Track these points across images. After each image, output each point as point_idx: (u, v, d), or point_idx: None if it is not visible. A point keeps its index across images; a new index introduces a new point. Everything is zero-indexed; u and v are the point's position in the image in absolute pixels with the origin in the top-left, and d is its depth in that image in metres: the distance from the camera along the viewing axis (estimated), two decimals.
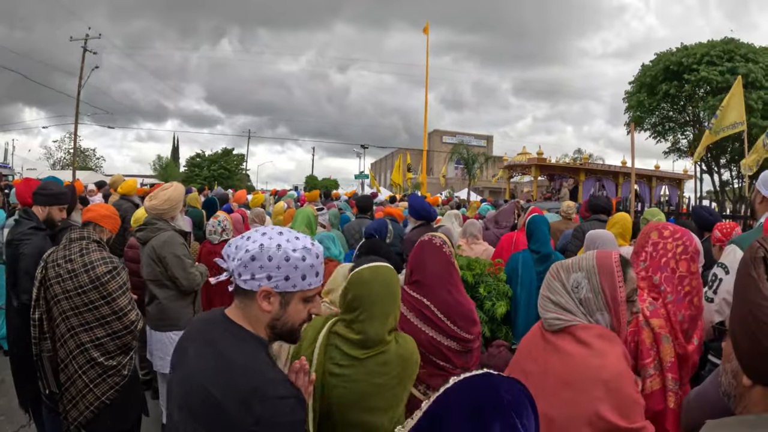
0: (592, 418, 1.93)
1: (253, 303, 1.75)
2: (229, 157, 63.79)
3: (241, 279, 1.72)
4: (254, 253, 1.69)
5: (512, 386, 1.17)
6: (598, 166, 26.56)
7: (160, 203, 4.79)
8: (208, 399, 1.57)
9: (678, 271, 2.81)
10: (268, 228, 1.80)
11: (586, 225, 6.49)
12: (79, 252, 3.59)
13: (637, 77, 34.60)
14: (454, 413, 1.12)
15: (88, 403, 3.53)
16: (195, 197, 9.72)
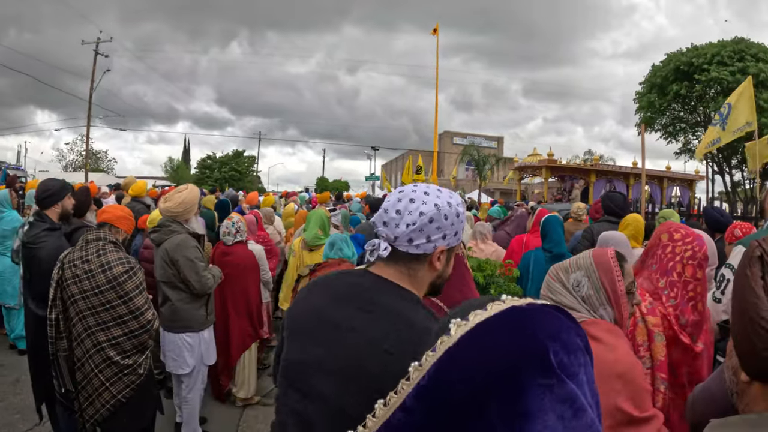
0: (611, 411, 1.97)
1: (423, 265, 1.70)
2: (240, 159, 63.93)
3: (414, 244, 1.63)
4: (432, 215, 1.61)
5: (558, 324, 0.81)
6: (609, 167, 26.40)
7: (175, 206, 4.82)
8: (389, 363, 1.40)
9: (683, 276, 2.81)
10: (420, 186, 1.69)
11: (595, 226, 6.48)
12: (96, 253, 3.66)
13: (648, 78, 34.48)
14: (459, 388, 0.76)
15: (104, 401, 3.58)
16: (210, 199, 9.78)
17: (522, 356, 0.75)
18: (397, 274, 1.69)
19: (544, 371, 0.74)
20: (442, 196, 1.66)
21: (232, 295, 5.74)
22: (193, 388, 4.92)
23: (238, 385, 5.85)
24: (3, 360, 6.98)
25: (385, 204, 1.67)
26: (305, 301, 1.78)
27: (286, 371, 1.73)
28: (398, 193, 1.68)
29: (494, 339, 0.79)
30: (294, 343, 1.72)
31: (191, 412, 4.94)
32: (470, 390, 0.75)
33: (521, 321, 0.80)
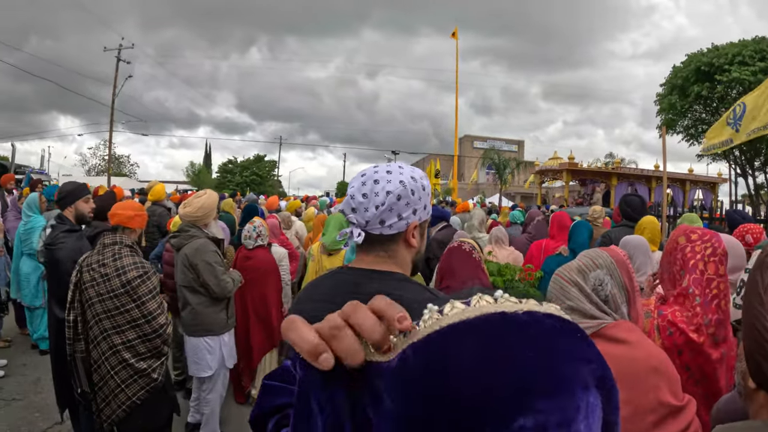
0: (655, 407, 1.98)
1: (399, 245, 1.71)
2: (261, 164, 64.16)
3: (386, 225, 1.62)
4: (399, 192, 1.60)
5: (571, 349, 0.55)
6: (630, 170, 26.28)
7: (194, 210, 4.86)
8: None
9: (706, 273, 2.75)
10: (381, 167, 1.70)
11: (613, 231, 6.47)
12: (112, 257, 3.70)
13: (668, 79, 34.06)
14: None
15: (120, 403, 3.63)
16: (230, 203, 9.83)
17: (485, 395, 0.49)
18: (377, 261, 1.71)
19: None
20: (405, 172, 1.67)
21: (252, 299, 5.78)
22: (213, 389, 4.97)
23: (257, 387, 5.82)
24: (25, 360, 7.10)
25: (350, 190, 1.67)
26: (299, 312, 1.73)
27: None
28: (360, 177, 1.67)
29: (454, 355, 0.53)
30: None
31: (211, 412, 4.99)
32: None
33: (505, 340, 0.51)
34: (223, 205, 9.30)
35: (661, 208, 9.49)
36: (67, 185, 4.79)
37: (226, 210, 8.81)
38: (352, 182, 1.69)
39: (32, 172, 19.75)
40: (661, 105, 34.61)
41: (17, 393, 6.04)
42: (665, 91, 34.33)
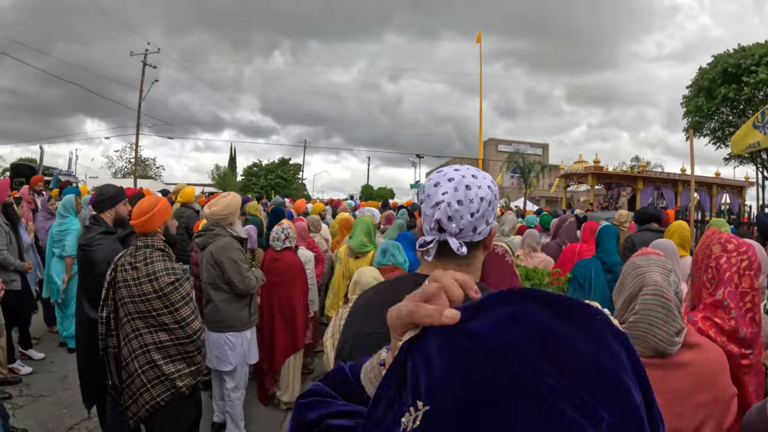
0: (728, 400, 2.04)
1: (479, 251, 1.66)
2: (286, 167, 64.50)
3: (477, 232, 1.57)
4: (490, 198, 1.55)
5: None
6: (656, 174, 26.01)
7: (220, 209, 4.95)
8: None
9: (741, 287, 2.69)
10: (462, 170, 1.59)
11: (636, 236, 6.43)
12: (144, 261, 3.72)
13: (695, 81, 33.68)
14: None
15: (144, 402, 3.66)
16: (254, 206, 9.88)
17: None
18: (456, 269, 1.50)
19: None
20: (486, 176, 1.60)
21: (278, 300, 5.81)
22: (236, 386, 5.03)
23: (282, 388, 5.90)
24: (53, 357, 7.23)
25: (441, 197, 1.54)
26: (366, 322, 1.68)
27: None
28: (448, 182, 1.56)
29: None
30: None
31: (234, 410, 5.04)
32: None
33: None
34: (248, 207, 9.38)
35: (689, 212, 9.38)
36: (107, 189, 4.85)
37: (251, 213, 8.86)
38: (442, 188, 1.56)
39: (60, 174, 19.97)
40: (688, 107, 34.25)
41: (45, 389, 6.15)
42: (691, 93, 33.96)
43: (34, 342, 7.45)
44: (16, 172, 21.71)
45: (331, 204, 17.00)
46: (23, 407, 5.68)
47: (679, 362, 2.03)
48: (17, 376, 6.40)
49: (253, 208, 9.45)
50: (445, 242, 1.54)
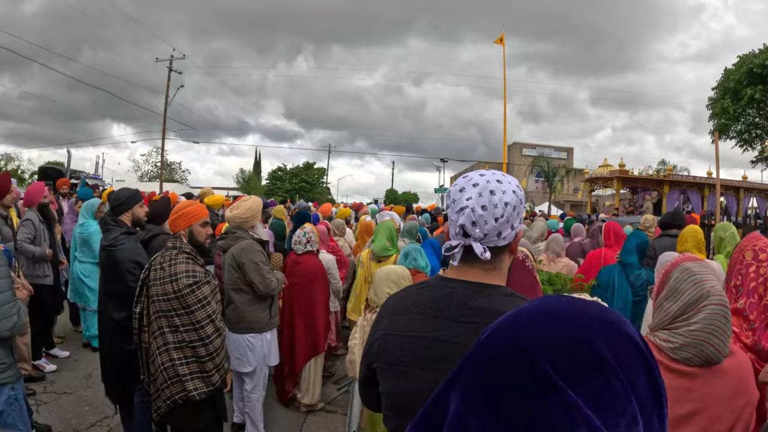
0: (754, 404, 2.05)
1: (505, 256, 1.66)
2: (310, 171, 64.70)
3: (502, 237, 1.57)
4: (514, 203, 1.55)
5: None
6: (682, 177, 25.73)
7: (242, 213, 5.05)
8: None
9: (764, 300, 2.66)
10: (488, 175, 1.61)
11: (656, 242, 6.44)
12: (169, 262, 3.79)
13: (720, 82, 33.26)
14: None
15: (165, 398, 3.72)
16: (281, 210, 9.92)
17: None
18: (483, 273, 1.63)
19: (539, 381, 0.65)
20: (511, 181, 1.61)
21: (299, 304, 5.84)
22: (255, 387, 5.06)
23: (303, 390, 5.92)
24: (77, 356, 7.35)
25: (466, 202, 1.56)
26: (394, 325, 1.72)
27: (396, 405, 1.68)
28: (473, 187, 1.57)
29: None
30: (396, 375, 1.66)
31: (254, 411, 5.08)
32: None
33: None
34: (274, 211, 9.43)
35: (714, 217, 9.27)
36: (123, 192, 4.93)
37: (277, 216, 8.90)
38: (466, 193, 1.58)
39: (87, 177, 20.18)
40: (714, 109, 33.83)
41: (68, 387, 6.25)
42: (717, 95, 33.55)
43: (59, 341, 7.60)
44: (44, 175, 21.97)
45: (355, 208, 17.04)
46: (47, 404, 5.77)
47: (722, 369, 2.02)
48: (41, 373, 6.51)
49: (279, 212, 9.50)
50: (471, 247, 1.57)
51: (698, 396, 1.99)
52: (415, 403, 1.57)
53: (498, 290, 1.61)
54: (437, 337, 1.57)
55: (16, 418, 3.52)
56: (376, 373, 1.74)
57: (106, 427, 5.30)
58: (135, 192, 5.00)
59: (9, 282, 3.46)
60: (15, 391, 3.55)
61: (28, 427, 3.68)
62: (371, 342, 1.79)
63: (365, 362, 1.83)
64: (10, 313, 3.38)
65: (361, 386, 1.94)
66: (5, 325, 3.35)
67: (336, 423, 5.76)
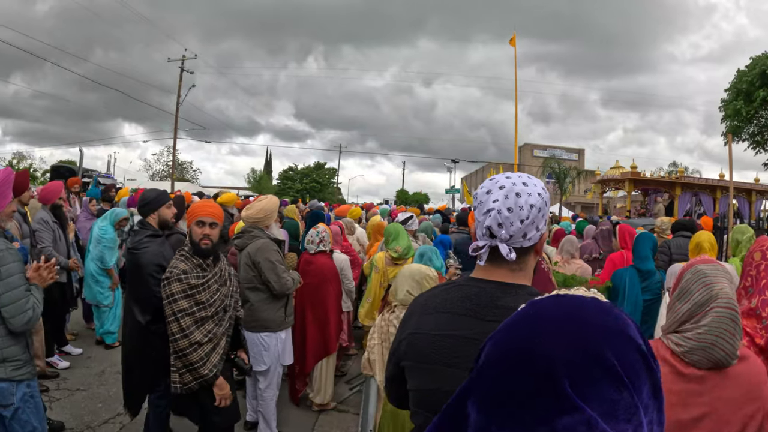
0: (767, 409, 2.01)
1: (530, 256, 1.67)
2: (321, 171, 64.81)
3: (527, 238, 1.59)
4: (540, 205, 1.58)
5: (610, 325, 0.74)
6: (694, 179, 25.53)
7: (255, 212, 5.05)
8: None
9: None
10: (513, 177, 1.64)
11: (672, 241, 6.47)
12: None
13: (733, 84, 32.98)
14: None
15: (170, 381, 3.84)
16: (293, 209, 9.95)
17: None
18: (509, 274, 1.65)
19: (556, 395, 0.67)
20: (537, 183, 1.64)
21: (311, 304, 5.84)
22: (269, 386, 5.05)
23: (315, 390, 5.93)
24: (90, 353, 7.40)
25: (492, 204, 1.59)
26: (422, 323, 1.74)
27: (424, 401, 1.71)
28: (500, 189, 1.60)
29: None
30: (424, 372, 1.69)
31: (267, 410, 5.08)
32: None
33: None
34: (287, 211, 9.45)
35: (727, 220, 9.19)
36: (149, 193, 4.88)
37: (289, 216, 8.92)
38: (492, 195, 1.61)
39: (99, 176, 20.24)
40: (726, 111, 33.55)
41: (81, 384, 6.28)
42: (730, 96, 33.27)
43: (72, 338, 7.66)
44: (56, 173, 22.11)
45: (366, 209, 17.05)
46: (59, 400, 5.80)
47: (732, 374, 2.01)
48: (55, 370, 6.55)
49: (291, 212, 9.53)
50: (497, 247, 1.59)
51: (707, 400, 1.99)
52: (442, 399, 1.59)
53: (524, 290, 1.63)
54: (465, 336, 1.60)
55: (31, 415, 3.53)
56: (405, 371, 1.76)
57: (119, 424, 5.31)
58: (162, 193, 4.95)
59: (22, 277, 3.48)
60: (31, 388, 3.56)
61: (43, 424, 3.69)
62: (399, 340, 1.82)
63: (393, 360, 1.86)
64: (25, 308, 3.40)
65: (387, 384, 1.97)
66: (21, 320, 3.37)
67: (348, 423, 5.75)
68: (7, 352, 3.40)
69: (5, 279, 3.35)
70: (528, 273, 1.69)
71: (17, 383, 3.45)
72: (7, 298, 3.34)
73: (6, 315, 3.34)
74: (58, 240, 6.61)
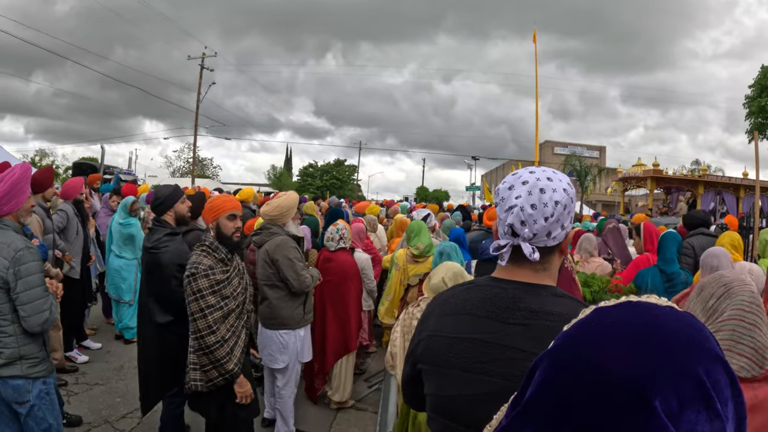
0: None
1: (555, 255, 1.59)
2: (341, 168, 64.96)
3: (551, 237, 1.50)
4: (565, 202, 1.49)
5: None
6: (717, 178, 25.23)
7: (272, 209, 5.00)
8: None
9: None
10: (538, 172, 1.53)
11: (694, 240, 6.31)
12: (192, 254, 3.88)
13: (757, 80, 32.60)
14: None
15: (189, 379, 3.81)
16: (312, 206, 9.93)
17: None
18: (533, 274, 1.57)
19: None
20: (562, 179, 1.54)
21: (332, 301, 5.81)
22: (287, 383, 5.02)
23: (334, 388, 5.91)
24: (109, 348, 7.45)
25: (515, 201, 1.50)
26: (441, 325, 1.65)
27: (441, 407, 1.61)
28: (522, 185, 1.51)
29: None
30: (442, 377, 1.60)
31: (285, 408, 5.05)
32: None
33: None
34: (306, 207, 9.44)
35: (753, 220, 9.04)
36: (162, 191, 4.82)
37: (308, 213, 8.90)
38: (515, 191, 1.52)
39: (120, 173, 20.38)
40: (751, 108, 33.16)
41: (100, 378, 6.33)
42: (754, 93, 32.90)
43: (91, 333, 7.70)
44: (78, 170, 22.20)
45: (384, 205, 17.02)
46: (78, 395, 5.84)
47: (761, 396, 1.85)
48: (74, 364, 6.59)
49: (310, 209, 9.51)
50: (519, 246, 1.51)
51: None
52: (460, 406, 1.52)
53: (548, 290, 1.55)
54: (485, 340, 1.51)
55: (46, 411, 3.54)
56: (421, 374, 1.68)
57: (136, 419, 5.32)
58: (175, 188, 4.90)
59: (42, 277, 3.48)
60: (47, 385, 3.57)
61: (58, 420, 3.70)
62: (416, 342, 1.74)
63: (410, 362, 1.78)
64: (42, 309, 3.39)
65: (404, 385, 1.89)
66: (37, 320, 3.37)
67: (366, 421, 5.72)
68: (24, 350, 3.40)
69: (24, 278, 3.35)
70: (553, 273, 1.60)
71: (33, 380, 3.46)
72: (25, 296, 3.34)
73: (23, 314, 3.34)
74: (75, 233, 6.65)
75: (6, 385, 3.40)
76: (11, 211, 3.53)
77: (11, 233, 3.44)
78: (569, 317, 1.37)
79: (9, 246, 3.35)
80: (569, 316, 1.40)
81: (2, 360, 3.35)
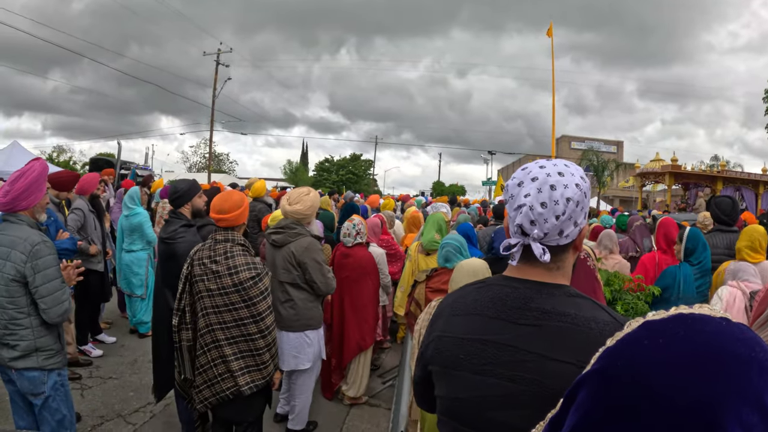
0: None
1: (568, 253, 1.53)
2: (357, 163, 64.92)
3: (564, 235, 1.44)
4: (578, 198, 1.42)
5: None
6: (737, 173, 24.95)
7: (304, 209, 4.82)
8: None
9: None
10: (548, 167, 1.48)
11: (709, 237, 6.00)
12: (224, 255, 3.75)
13: None
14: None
15: (214, 392, 3.74)
16: (327, 200, 9.92)
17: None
18: (546, 273, 1.51)
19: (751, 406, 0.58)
20: (575, 172, 1.47)
21: (349, 297, 5.78)
22: (308, 381, 5.01)
23: (350, 384, 5.90)
24: (123, 342, 7.49)
25: (524, 199, 1.44)
26: (450, 326, 1.60)
27: (451, 410, 1.56)
28: (531, 181, 1.45)
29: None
30: (452, 379, 1.55)
31: (303, 405, 5.04)
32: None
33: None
34: (321, 203, 9.43)
35: None
36: (181, 184, 4.92)
37: (323, 207, 8.89)
38: (524, 188, 1.47)
39: (137, 168, 20.50)
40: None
41: (114, 372, 6.36)
42: None
43: (106, 327, 7.77)
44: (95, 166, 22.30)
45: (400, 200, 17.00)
46: (91, 388, 5.87)
47: None
48: (88, 358, 6.64)
49: (325, 203, 9.50)
50: (530, 245, 1.46)
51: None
52: (470, 409, 1.49)
53: (561, 290, 1.49)
54: (496, 341, 1.46)
55: (61, 403, 3.59)
56: (432, 375, 1.64)
57: (149, 413, 5.36)
58: (193, 183, 4.99)
59: (58, 270, 3.52)
60: (61, 377, 3.63)
61: (72, 412, 3.73)
62: (426, 343, 1.69)
63: (420, 363, 1.73)
64: (61, 300, 3.46)
65: (414, 386, 1.85)
66: (57, 311, 3.43)
67: (379, 417, 5.70)
68: (39, 342, 3.44)
69: (42, 271, 3.40)
70: (566, 271, 1.55)
71: (48, 372, 3.51)
72: (45, 289, 3.41)
73: (44, 306, 3.39)
74: (93, 228, 6.69)
75: (22, 377, 3.45)
76: (28, 206, 3.57)
77: (26, 228, 3.48)
78: (583, 319, 1.34)
79: (25, 240, 3.39)
80: (583, 318, 1.37)
81: (18, 352, 3.40)
